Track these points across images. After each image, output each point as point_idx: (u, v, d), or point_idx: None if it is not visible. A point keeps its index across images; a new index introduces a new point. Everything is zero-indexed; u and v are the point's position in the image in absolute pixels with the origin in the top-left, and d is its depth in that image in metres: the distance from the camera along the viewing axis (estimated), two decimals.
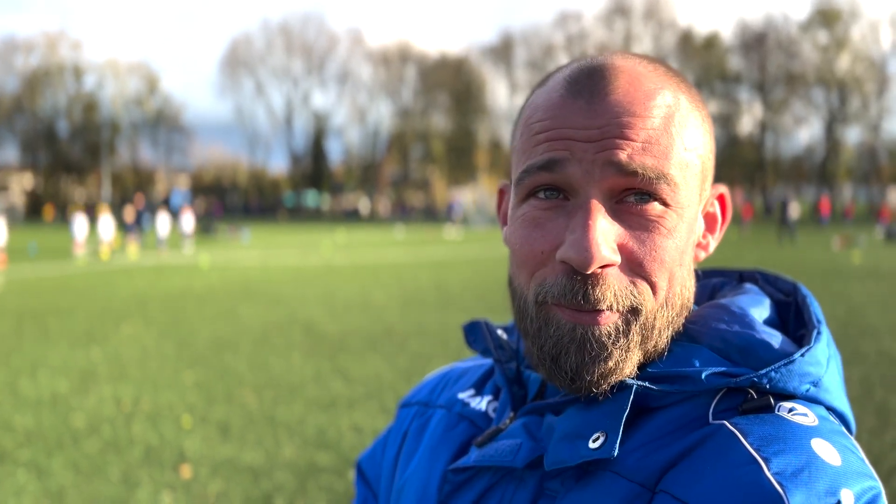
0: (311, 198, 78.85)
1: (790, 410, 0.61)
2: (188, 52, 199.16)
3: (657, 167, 0.62)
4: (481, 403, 0.81)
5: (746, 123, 72.63)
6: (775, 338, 0.66)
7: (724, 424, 0.60)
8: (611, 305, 0.61)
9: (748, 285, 0.75)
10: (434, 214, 71.80)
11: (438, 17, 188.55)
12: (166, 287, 15.55)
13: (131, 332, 9.92)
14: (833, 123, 66.14)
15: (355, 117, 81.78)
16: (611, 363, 0.62)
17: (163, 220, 27.57)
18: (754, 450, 0.57)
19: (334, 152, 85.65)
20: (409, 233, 41.18)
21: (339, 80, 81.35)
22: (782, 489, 0.53)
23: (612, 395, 0.64)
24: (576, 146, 0.62)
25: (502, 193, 0.79)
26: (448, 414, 0.82)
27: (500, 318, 10.40)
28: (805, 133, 74.53)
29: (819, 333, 0.66)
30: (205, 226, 40.76)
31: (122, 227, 28.19)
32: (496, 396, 0.81)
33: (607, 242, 0.60)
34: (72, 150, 77.71)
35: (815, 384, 0.63)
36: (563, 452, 0.64)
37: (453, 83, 76.68)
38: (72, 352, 8.66)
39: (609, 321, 0.62)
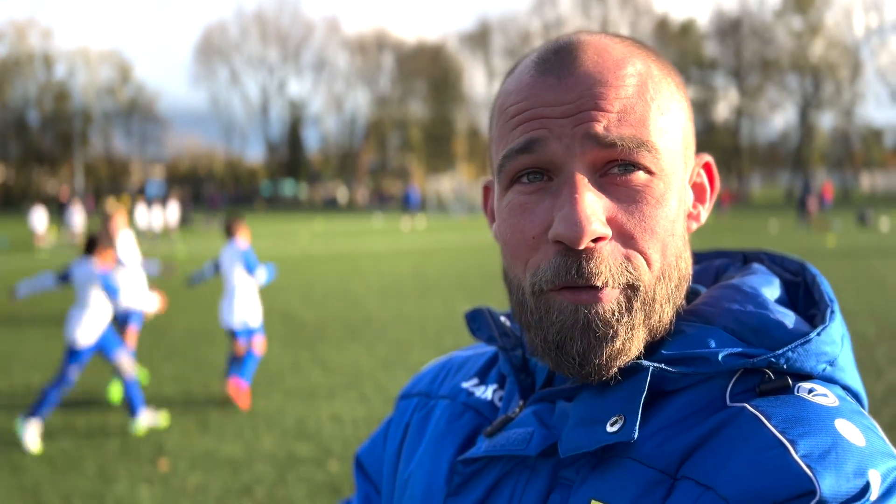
0: (288, 187, 78.28)
1: (810, 391, 0.60)
2: (162, 40, 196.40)
3: (636, 135, 0.60)
4: (486, 392, 0.78)
5: (722, 110, 73.21)
6: (789, 317, 0.64)
7: (745, 407, 0.59)
8: (607, 281, 0.59)
9: (755, 265, 0.73)
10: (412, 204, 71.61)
11: (415, 4, 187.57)
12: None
13: None
14: (807, 109, 66.83)
15: (332, 105, 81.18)
16: (618, 343, 0.60)
17: (140, 212, 27.31)
18: (779, 432, 0.55)
19: (311, 141, 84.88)
20: (387, 221, 41.06)
21: (316, 68, 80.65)
22: (811, 472, 0.52)
23: (626, 379, 0.62)
24: (552, 123, 0.61)
25: (487, 191, 0.76)
26: (452, 404, 0.80)
27: (479, 304, 10.42)
28: (780, 119, 75.31)
29: (833, 312, 0.65)
30: (182, 216, 40.33)
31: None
32: (501, 385, 0.78)
33: (596, 215, 0.59)
34: (43, 140, 76.38)
35: (832, 363, 0.62)
36: (580, 438, 0.62)
37: (431, 71, 76.35)
38: (45, 345, 8.52)
39: (611, 298, 0.60)
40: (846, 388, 0.64)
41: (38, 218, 24.79)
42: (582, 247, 0.58)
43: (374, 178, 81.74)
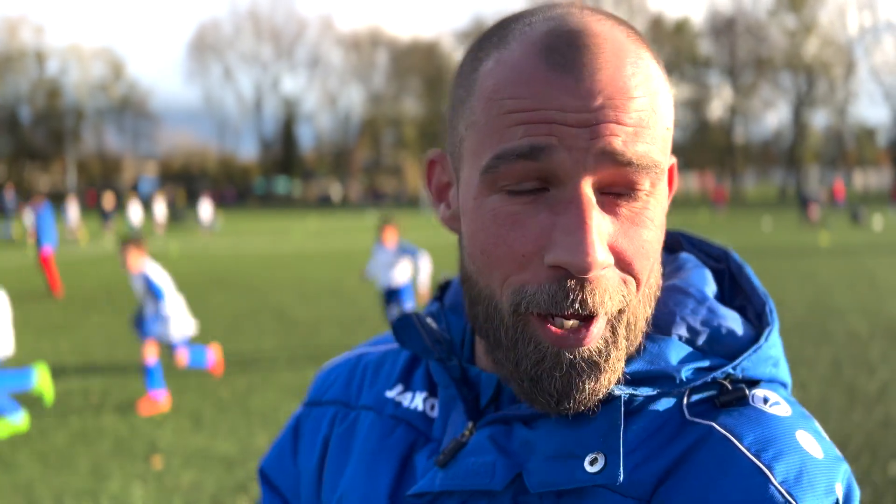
0: (281, 184, 78.12)
1: (765, 401, 0.60)
2: (155, 37, 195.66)
3: (648, 154, 0.55)
4: (415, 401, 0.71)
5: (716, 108, 73.37)
6: (736, 321, 0.63)
7: (713, 428, 0.58)
8: (604, 310, 0.55)
9: (683, 255, 0.70)
10: (407, 200, 71.62)
11: (410, 2, 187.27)
12: None
13: (99, 321, 9.75)
14: (801, 107, 67.03)
15: (326, 103, 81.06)
16: (602, 380, 0.56)
17: (134, 209, 27.26)
18: (754, 457, 0.55)
19: (305, 138, 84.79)
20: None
21: (310, 65, 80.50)
22: (792, 498, 0.53)
23: (597, 408, 0.58)
24: (565, 132, 0.53)
25: (433, 165, 0.68)
26: (379, 417, 0.72)
27: None
28: (773, 117, 75.49)
29: (772, 311, 0.64)
30: (174, 213, 40.22)
31: (102, 215, 27.83)
32: (431, 392, 0.71)
33: (603, 243, 0.54)
34: (35, 136, 76.06)
35: (776, 365, 0.63)
36: (554, 474, 0.57)
37: (425, 68, 76.28)
38: (38, 342, 8.49)
39: (597, 337, 0.55)
40: (783, 384, 0.64)
41: (31, 215, 24.65)
42: (587, 276, 0.54)
43: (369, 175, 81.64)
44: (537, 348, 0.55)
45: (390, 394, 0.74)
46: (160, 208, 29.56)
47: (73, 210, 26.20)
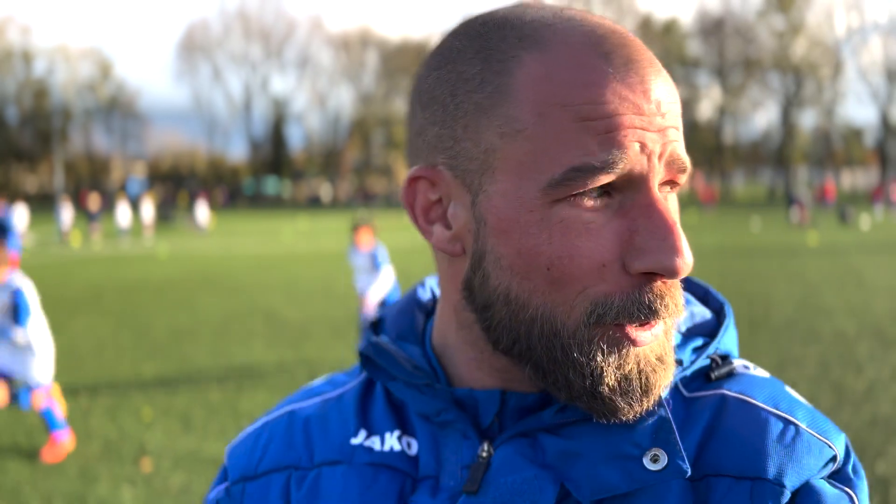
0: (271, 185, 77.87)
1: (746, 367, 0.64)
2: (143, 37, 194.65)
3: (687, 157, 0.56)
4: (388, 443, 0.64)
5: (705, 108, 73.69)
6: (700, 307, 0.66)
7: (725, 395, 0.60)
8: (682, 309, 0.57)
9: None
10: (397, 201, 71.58)
11: (399, 2, 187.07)
12: (123, 277, 15.23)
13: (86, 324, 9.69)
14: (789, 108, 67.44)
15: (316, 103, 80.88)
16: (668, 374, 0.56)
17: (122, 210, 27.11)
18: (774, 409, 0.58)
19: (295, 138, 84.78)
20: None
21: (299, 65, 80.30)
22: (824, 437, 0.57)
23: None
24: (646, 137, 0.52)
25: (415, 184, 0.60)
26: (353, 468, 0.64)
27: None
28: (762, 117, 75.96)
29: (726, 303, 0.67)
30: (163, 213, 40.07)
31: (87, 216, 27.70)
32: (404, 429, 0.65)
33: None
34: (22, 137, 75.56)
35: (736, 343, 0.67)
36: (611, 479, 0.55)
37: (415, 68, 76.15)
38: None
39: (660, 333, 0.55)
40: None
41: (19, 216, 24.49)
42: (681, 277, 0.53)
43: (358, 175, 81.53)
44: (620, 354, 0.54)
45: (356, 441, 0.66)
46: (147, 210, 29.42)
47: (66, 212, 26.06)
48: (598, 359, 0.54)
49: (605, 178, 0.52)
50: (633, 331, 0.54)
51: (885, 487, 4.05)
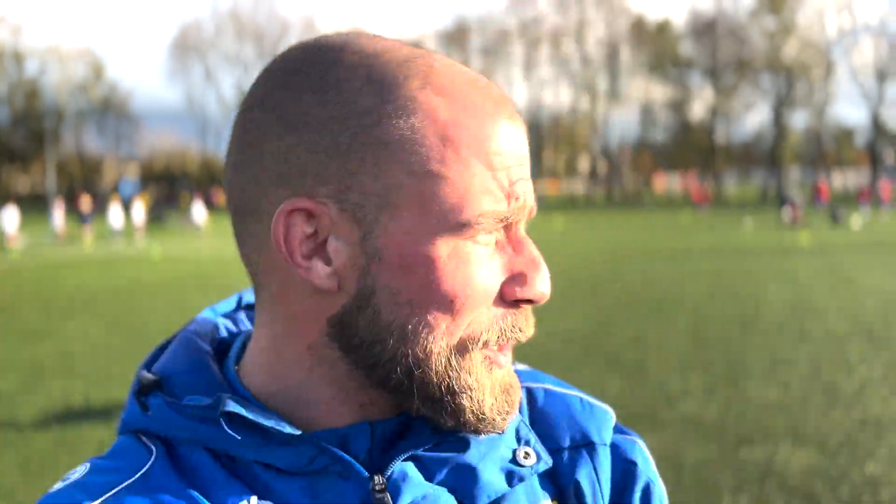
0: None
1: (514, 362, 0.71)
2: (136, 38, 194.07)
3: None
4: None
5: (698, 109, 73.96)
6: None
7: (528, 387, 0.70)
8: None
9: None
10: None
11: (392, 3, 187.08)
12: (115, 279, 15.19)
13: (79, 327, 9.66)
14: (780, 108, 67.73)
15: None
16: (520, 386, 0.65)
17: (114, 211, 27.04)
18: (566, 389, 0.71)
19: None
20: None
21: None
22: (600, 404, 0.71)
23: None
24: (527, 186, 0.59)
25: (290, 215, 0.56)
26: None
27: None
28: (754, 118, 76.29)
29: None
30: (156, 214, 39.96)
31: (79, 217, 27.60)
32: (261, 493, 0.58)
33: None
34: (13, 138, 75.23)
35: None
36: (499, 480, 0.61)
37: None
38: (18, 348, 8.40)
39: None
40: None
41: (10, 217, 24.40)
42: None
43: None
44: (496, 375, 0.60)
45: None
46: (139, 211, 29.33)
47: (58, 214, 26.02)
48: (485, 382, 0.59)
49: (505, 222, 0.58)
50: (501, 353, 0.60)
51: (875, 487, 4.08)
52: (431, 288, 0.55)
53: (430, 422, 0.60)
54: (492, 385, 0.59)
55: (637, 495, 0.67)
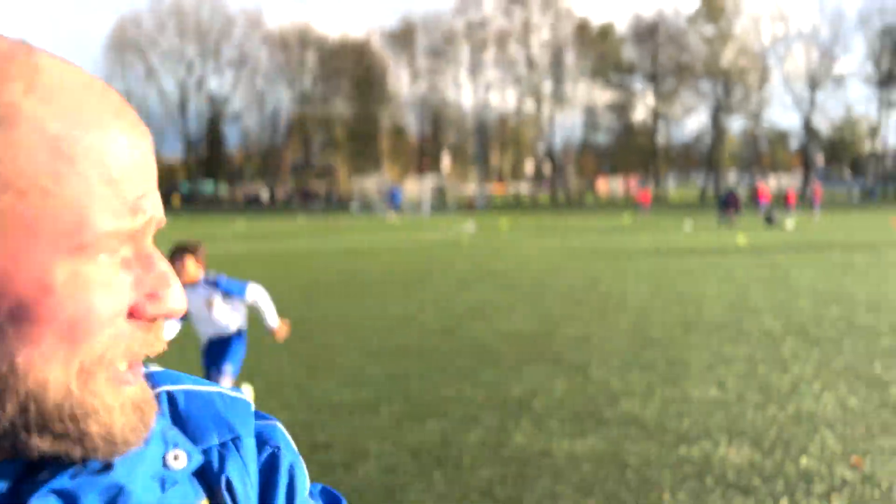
0: (208, 185, 76.29)
1: (147, 365, 0.69)
2: (70, 31, 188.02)
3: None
4: None
5: (640, 112, 75.56)
6: None
7: (167, 390, 0.66)
8: None
9: None
10: (338, 201, 71.00)
11: (338, 0, 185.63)
12: None
13: None
14: (719, 112, 69.76)
15: (254, 102, 79.58)
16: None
17: None
18: (205, 387, 0.69)
19: (232, 138, 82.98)
20: (312, 221, 40.48)
21: (236, 64, 78.86)
22: (237, 394, 0.70)
23: None
24: (155, 198, 0.56)
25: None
26: None
27: (426, 320, 10.40)
28: (694, 121, 78.36)
29: None
30: None
31: None
32: None
33: None
34: None
35: None
36: (155, 491, 0.58)
37: (355, 68, 75.79)
38: None
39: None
40: None
41: None
42: None
43: (298, 176, 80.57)
44: (124, 393, 0.55)
45: None
46: None
47: None
48: (112, 403, 0.54)
49: (129, 240, 0.54)
50: (131, 371, 0.55)
51: (808, 482, 4.22)
52: (44, 318, 0.49)
53: (70, 456, 0.54)
54: (122, 404, 0.54)
55: (283, 479, 0.67)
